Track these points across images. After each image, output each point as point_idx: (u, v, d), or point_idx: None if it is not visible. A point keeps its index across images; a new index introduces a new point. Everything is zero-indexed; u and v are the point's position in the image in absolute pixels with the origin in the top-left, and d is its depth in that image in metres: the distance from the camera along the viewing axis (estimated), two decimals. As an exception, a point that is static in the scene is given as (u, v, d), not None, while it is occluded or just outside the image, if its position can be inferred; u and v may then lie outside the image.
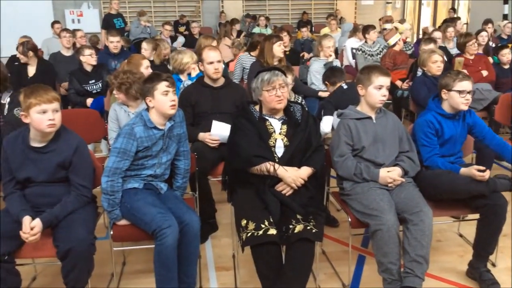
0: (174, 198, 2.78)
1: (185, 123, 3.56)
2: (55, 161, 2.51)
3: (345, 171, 2.77)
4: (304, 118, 2.74)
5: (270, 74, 2.66)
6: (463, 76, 2.92)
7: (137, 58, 4.23)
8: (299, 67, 5.44)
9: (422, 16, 14.89)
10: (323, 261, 3.12)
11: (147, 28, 9.22)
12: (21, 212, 2.42)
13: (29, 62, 5.18)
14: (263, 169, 2.57)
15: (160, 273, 2.49)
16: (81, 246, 2.36)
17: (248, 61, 5.47)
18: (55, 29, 8.09)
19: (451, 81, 2.91)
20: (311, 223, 2.43)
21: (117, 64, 5.72)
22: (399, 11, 14.80)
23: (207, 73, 3.65)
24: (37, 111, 2.42)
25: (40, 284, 2.96)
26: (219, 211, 3.62)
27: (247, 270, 2.93)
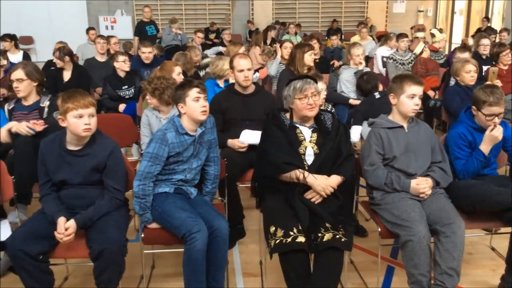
0: (204, 203, 2.81)
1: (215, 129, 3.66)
2: (90, 165, 2.57)
3: (376, 180, 2.75)
4: (334, 126, 2.74)
5: (302, 82, 2.67)
6: (494, 100, 2.82)
7: (169, 65, 4.31)
8: (329, 75, 5.41)
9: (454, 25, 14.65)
10: (351, 271, 3.10)
11: (178, 36, 9.36)
12: (56, 213, 2.49)
13: (65, 67, 5.32)
14: (293, 176, 2.58)
15: (189, 277, 2.52)
16: (114, 247, 2.41)
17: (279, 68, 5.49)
18: (89, 35, 8.30)
19: (481, 102, 2.86)
20: (340, 232, 2.42)
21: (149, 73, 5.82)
22: (430, 19, 14.61)
23: (237, 80, 3.70)
24: (74, 115, 2.50)
25: (71, 284, 3.03)
26: (247, 217, 3.63)
27: (274, 277, 2.93)
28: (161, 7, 13.31)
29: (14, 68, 3.46)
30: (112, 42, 7.14)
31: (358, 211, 3.53)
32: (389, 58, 6.59)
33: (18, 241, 2.40)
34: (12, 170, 2.88)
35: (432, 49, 6.99)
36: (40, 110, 3.44)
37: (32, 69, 3.47)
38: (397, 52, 6.63)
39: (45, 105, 3.46)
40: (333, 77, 5.29)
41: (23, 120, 3.41)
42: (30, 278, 2.46)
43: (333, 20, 13.59)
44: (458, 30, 14.41)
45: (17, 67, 3.45)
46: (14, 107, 3.48)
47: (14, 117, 3.44)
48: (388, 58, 6.64)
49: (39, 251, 2.43)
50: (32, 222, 2.56)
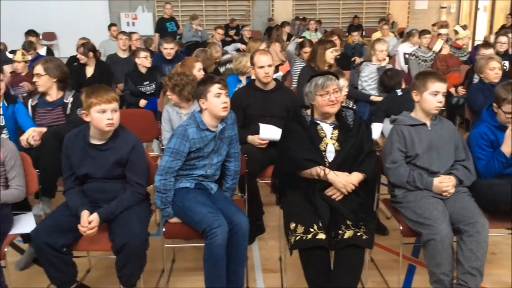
0: (224, 198, 2.82)
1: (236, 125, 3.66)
2: (113, 159, 2.60)
3: (398, 178, 2.73)
4: (356, 123, 2.72)
5: (324, 79, 2.65)
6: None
7: (190, 61, 4.33)
8: (350, 72, 5.37)
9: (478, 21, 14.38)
10: (372, 269, 3.07)
11: (198, 32, 9.39)
12: (79, 206, 2.53)
13: (88, 63, 5.39)
14: (314, 173, 2.57)
15: (209, 271, 2.54)
16: (136, 241, 2.44)
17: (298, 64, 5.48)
18: (111, 32, 8.38)
19: (501, 99, 2.80)
20: (361, 230, 2.40)
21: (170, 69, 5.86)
22: (453, 16, 14.36)
23: (258, 76, 3.69)
24: (97, 110, 2.53)
25: (93, 277, 3.07)
26: (267, 214, 3.64)
27: (293, 273, 2.93)
28: (181, 3, 13.37)
29: (36, 63, 3.54)
30: (133, 39, 7.21)
31: (379, 209, 3.50)
32: (411, 55, 6.50)
33: (43, 234, 2.44)
34: (37, 164, 2.93)
35: (456, 46, 6.89)
36: (64, 106, 3.50)
37: (53, 66, 3.51)
38: (419, 49, 6.54)
39: (68, 101, 3.51)
40: (354, 73, 5.25)
41: (47, 116, 3.47)
42: (54, 270, 2.50)
43: (354, 16, 13.48)
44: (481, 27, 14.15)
45: (39, 62, 3.52)
46: (38, 103, 3.53)
47: (38, 113, 3.49)
48: (410, 55, 6.56)
49: (63, 244, 2.48)
50: (56, 215, 2.61)
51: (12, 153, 2.74)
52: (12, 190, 2.73)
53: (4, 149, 2.72)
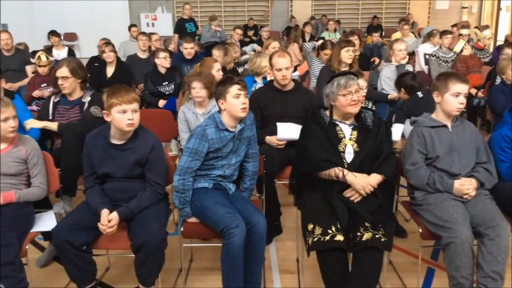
0: (242, 199, 2.83)
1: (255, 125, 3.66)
2: (133, 159, 2.63)
3: (417, 180, 2.70)
4: (375, 124, 2.70)
5: (346, 78, 2.64)
6: None
7: (209, 61, 4.35)
8: (369, 73, 5.33)
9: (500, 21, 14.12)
10: (390, 271, 3.05)
11: (217, 33, 9.42)
12: (99, 205, 2.56)
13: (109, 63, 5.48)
14: (332, 174, 2.56)
15: (227, 271, 2.55)
16: (154, 240, 2.46)
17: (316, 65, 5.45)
18: (131, 32, 8.46)
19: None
20: (380, 232, 2.38)
21: (189, 69, 5.90)
22: (475, 16, 14.14)
23: (276, 78, 3.69)
24: (118, 110, 2.56)
25: (112, 275, 3.11)
26: (284, 214, 3.63)
27: (311, 275, 2.92)
28: (200, 4, 13.44)
29: (58, 66, 3.54)
30: (153, 39, 7.26)
31: (398, 211, 3.46)
32: (431, 56, 6.43)
33: (63, 232, 2.48)
34: (58, 163, 2.97)
35: (477, 47, 6.78)
36: (81, 105, 3.54)
37: (76, 66, 3.55)
38: (440, 49, 6.46)
39: (86, 100, 3.54)
40: (374, 74, 5.21)
41: (65, 114, 3.52)
42: (74, 268, 2.54)
43: (373, 16, 13.37)
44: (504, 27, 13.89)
45: (61, 64, 3.52)
46: (59, 101, 3.58)
47: (58, 110, 3.54)
48: (430, 55, 6.49)
49: (83, 242, 2.51)
50: (77, 213, 2.65)
51: (35, 151, 2.79)
52: (34, 188, 2.78)
53: (27, 146, 2.77)
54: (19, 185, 2.77)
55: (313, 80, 5.33)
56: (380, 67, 5.21)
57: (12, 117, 2.68)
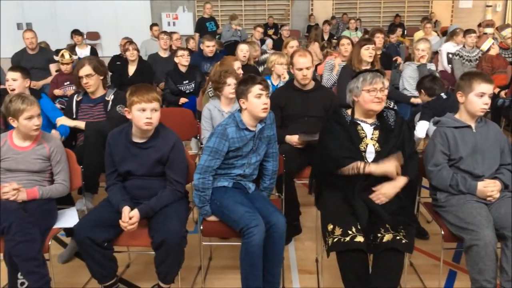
0: (262, 198, 2.82)
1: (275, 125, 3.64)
2: (154, 157, 2.65)
3: (440, 181, 2.66)
4: (397, 124, 2.66)
5: (372, 75, 2.61)
6: None
7: (229, 60, 4.35)
8: (391, 72, 5.26)
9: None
10: (411, 273, 3.01)
11: (237, 32, 9.43)
12: (121, 202, 2.59)
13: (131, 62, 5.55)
14: (352, 167, 2.51)
15: (246, 270, 2.55)
16: (174, 238, 2.47)
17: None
18: (153, 31, 8.53)
19: None
20: (401, 233, 2.36)
21: (209, 66, 5.93)
22: (499, 14, 13.85)
23: (296, 78, 3.67)
24: (138, 108, 2.58)
25: (133, 272, 3.14)
26: (303, 214, 3.61)
27: (330, 275, 2.90)
28: (221, 3, 13.48)
29: (80, 65, 3.55)
30: (174, 38, 7.30)
31: (419, 213, 3.42)
32: (455, 55, 6.32)
33: (85, 228, 2.52)
34: (80, 160, 3.01)
35: (502, 47, 6.65)
36: (105, 103, 3.58)
37: (98, 63, 3.59)
38: (463, 49, 6.35)
39: (109, 98, 3.58)
40: (395, 73, 5.14)
41: (88, 112, 3.56)
42: (95, 264, 2.57)
43: (395, 15, 13.21)
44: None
45: (84, 63, 3.54)
46: (82, 99, 3.63)
47: (81, 108, 3.58)
48: (454, 54, 6.37)
49: (104, 239, 2.54)
50: (99, 210, 2.68)
51: (58, 148, 2.84)
52: (57, 185, 2.83)
53: (51, 143, 2.83)
54: (43, 182, 2.82)
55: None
56: (402, 67, 5.13)
57: (36, 116, 2.73)
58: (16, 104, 2.69)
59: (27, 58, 6.02)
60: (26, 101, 2.71)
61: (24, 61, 5.91)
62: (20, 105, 2.68)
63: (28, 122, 2.70)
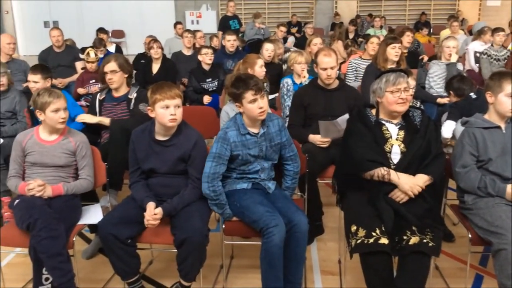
0: (283, 197, 2.79)
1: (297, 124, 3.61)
2: (177, 155, 2.66)
3: (468, 183, 2.59)
4: (424, 124, 2.60)
5: (396, 75, 2.56)
6: None
7: (252, 58, 4.33)
8: (417, 70, 5.16)
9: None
10: (436, 277, 2.94)
11: (261, 30, 9.42)
12: (145, 198, 2.60)
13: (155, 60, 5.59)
14: (376, 174, 2.49)
15: (266, 271, 2.53)
16: (197, 236, 2.47)
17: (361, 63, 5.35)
18: (177, 30, 8.57)
19: None
20: (427, 236, 2.30)
21: (232, 64, 5.93)
22: (528, 12, 13.51)
23: (320, 77, 3.63)
24: (161, 106, 2.58)
25: (155, 269, 3.15)
26: (326, 214, 3.58)
27: (353, 277, 2.87)
28: (244, 1, 13.48)
29: (106, 61, 3.61)
30: (198, 36, 7.33)
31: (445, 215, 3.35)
32: (483, 54, 6.18)
33: (109, 225, 2.54)
34: (105, 157, 3.04)
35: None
36: (128, 101, 3.60)
37: (124, 61, 3.62)
38: (491, 47, 6.20)
39: (132, 96, 3.61)
40: (422, 72, 5.04)
41: (112, 110, 3.59)
42: (118, 260, 2.59)
43: (421, 13, 13.01)
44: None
45: (110, 59, 3.59)
46: (105, 98, 3.66)
47: (104, 107, 3.62)
48: (481, 53, 6.23)
49: (128, 235, 2.56)
50: (122, 207, 2.70)
51: (83, 143, 2.88)
52: (81, 180, 2.87)
53: (76, 138, 2.88)
54: (67, 178, 2.86)
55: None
56: (429, 65, 5.03)
57: (62, 109, 2.78)
58: (43, 98, 2.76)
59: (53, 55, 6.11)
60: (53, 94, 2.78)
61: (50, 59, 6.01)
62: (47, 98, 2.75)
63: (54, 115, 2.75)
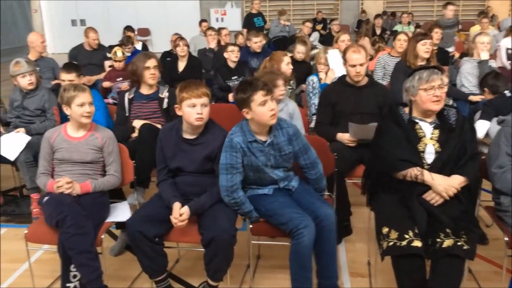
0: (307, 193, 2.72)
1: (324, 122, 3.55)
2: (204, 153, 2.63)
3: (504, 184, 2.50)
4: (459, 123, 2.51)
5: (429, 72, 2.47)
6: None
7: (278, 55, 4.29)
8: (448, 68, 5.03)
9: None
10: (470, 280, 2.85)
11: (286, 27, 9.35)
12: (172, 198, 2.58)
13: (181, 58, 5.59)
14: (409, 174, 2.41)
15: (295, 272, 2.49)
16: (224, 236, 2.45)
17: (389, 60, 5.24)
18: (202, 27, 8.57)
19: None
20: (462, 239, 2.23)
21: (256, 62, 5.89)
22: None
23: (349, 74, 3.57)
24: (188, 104, 2.56)
25: (182, 267, 3.14)
26: (354, 215, 3.50)
27: (383, 279, 2.80)
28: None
29: (147, 56, 3.63)
30: (223, 34, 7.31)
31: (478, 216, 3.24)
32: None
33: (137, 223, 2.53)
34: (133, 155, 3.04)
35: None
36: (160, 100, 3.61)
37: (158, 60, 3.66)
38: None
39: (164, 95, 3.62)
40: (453, 69, 4.91)
41: (142, 109, 3.59)
42: (146, 259, 2.59)
43: (449, 9, 12.70)
44: None
45: (150, 55, 3.64)
46: (134, 96, 3.66)
47: (134, 106, 3.62)
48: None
49: (156, 234, 2.55)
50: (150, 206, 2.69)
51: (110, 140, 2.90)
52: (109, 177, 2.88)
53: (103, 134, 2.89)
54: (95, 175, 2.87)
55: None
56: (460, 62, 4.90)
57: (88, 103, 2.80)
58: (69, 92, 2.80)
59: (84, 54, 6.17)
60: (78, 88, 2.83)
61: (81, 57, 6.08)
62: (73, 92, 2.79)
63: (79, 108, 2.78)
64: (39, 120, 3.90)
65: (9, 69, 3.89)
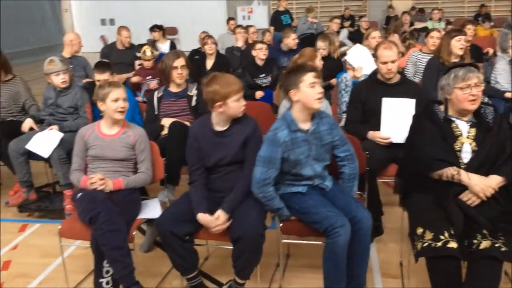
0: (342, 194, 2.68)
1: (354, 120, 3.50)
2: (239, 141, 2.62)
3: (544, 185, 2.41)
4: (496, 122, 2.43)
5: (465, 70, 2.40)
6: None
7: (308, 52, 4.24)
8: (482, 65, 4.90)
9: None
10: (506, 283, 2.76)
11: (313, 24, 9.28)
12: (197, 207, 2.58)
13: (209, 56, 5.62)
14: (446, 174, 2.35)
15: (329, 271, 2.46)
16: (253, 234, 2.44)
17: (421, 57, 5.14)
18: (229, 25, 8.58)
19: None
20: (500, 241, 2.16)
21: (286, 60, 5.86)
22: None
23: (380, 71, 3.50)
24: (234, 99, 2.56)
25: (211, 264, 3.15)
26: (386, 214, 3.44)
27: (416, 281, 2.74)
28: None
29: (176, 55, 3.64)
30: (250, 32, 7.30)
31: None
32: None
33: (168, 222, 2.55)
34: (163, 153, 3.06)
35: None
36: (188, 98, 3.62)
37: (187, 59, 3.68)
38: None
39: (193, 93, 3.63)
40: (487, 66, 4.78)
41: (171, 107, 3.61)
42: (177, 257, 2.60)
43: (481, 5, 12.41)
44: None
45: (179, 54, 3.66)
46: (163, 95, 3.68)
47: (163, 104, 3.64)
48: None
49: (186, 232, 2.56)
50: (180, 204, 2.69)
51: (142, 137, 2.92)
52: (140, 174, 2.91)
53: (136, 132, 2.92)
54: (127, 173, 2.90)
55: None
56: (495, 59, 4.77)
57: (122, 99, 2.84)
58: (103, 89, 2.85)
59: (116, 53, 6.26)
60: (113, 84, 2.89)
61: (113, 56, 6.16)
62: (107, 88, 2.83)
63: (114, 104, 2.82)
64: (72, 117, 3.97)
65: (43, 67, 3.94)
